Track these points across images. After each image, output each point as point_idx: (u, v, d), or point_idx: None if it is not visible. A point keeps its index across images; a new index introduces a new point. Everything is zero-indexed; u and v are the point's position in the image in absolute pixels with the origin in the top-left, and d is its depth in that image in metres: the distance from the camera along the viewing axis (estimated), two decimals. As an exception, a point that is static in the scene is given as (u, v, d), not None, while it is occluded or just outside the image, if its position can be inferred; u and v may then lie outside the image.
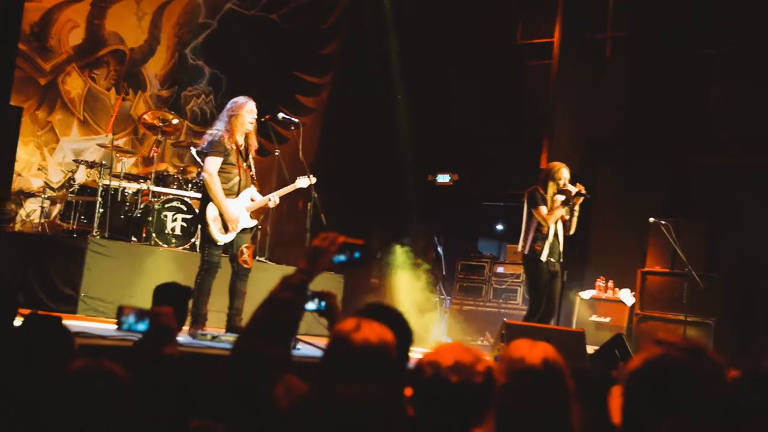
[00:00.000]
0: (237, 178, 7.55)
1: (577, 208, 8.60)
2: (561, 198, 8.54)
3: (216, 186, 7.40)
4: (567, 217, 8.63)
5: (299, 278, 3.05)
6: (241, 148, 7.57)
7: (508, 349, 2.80)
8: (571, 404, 2.72)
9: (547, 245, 8.53)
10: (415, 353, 2.87)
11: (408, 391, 2.58)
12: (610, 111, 12.46)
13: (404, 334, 2.95)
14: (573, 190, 8.51)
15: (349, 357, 2.65)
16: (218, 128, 7.50)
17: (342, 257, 3.15)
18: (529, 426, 2.67)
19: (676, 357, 2.12)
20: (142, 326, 3.01)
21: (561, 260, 8.69)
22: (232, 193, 7.54)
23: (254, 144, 7.70)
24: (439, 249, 12.99)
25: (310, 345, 6.68)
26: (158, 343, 3.07)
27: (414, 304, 11.05)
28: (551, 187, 8.55)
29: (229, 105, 7.58)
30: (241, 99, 7.55)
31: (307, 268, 3.08)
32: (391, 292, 11.50)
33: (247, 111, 7.48)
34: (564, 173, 8.60)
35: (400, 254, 11.94)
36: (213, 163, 7.42)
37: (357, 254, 3.16)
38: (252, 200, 7.73)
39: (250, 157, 7.69)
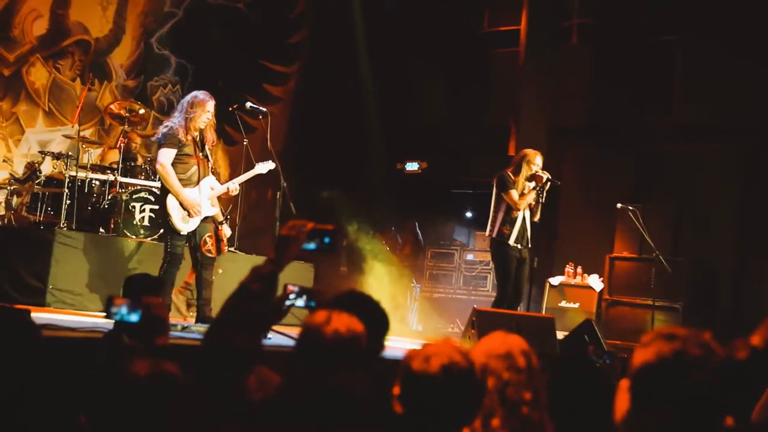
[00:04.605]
0: (195, 168, 7.57)
1: (544, 194, 8.65)
2: (531, 184, 8.58)
3: (171, 176, 7.43)
4: (533, 203, 8.67)
5: (269, 268, 3.03)
6: (197, 139, 7.59)
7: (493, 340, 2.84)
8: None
9: (515, 229, 8.56)
10: (395, 343, 2.90)
11: (396, 390, 2.57)
12: (577, 98, 12.53)
13: (378, 322, 2.95)
14: (544, 176, 8.56)
15: (320, 349, 2.70)
16: (174, 121, 7.49)
17: (312, 245, 3.11)
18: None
19: (694, 354, 2.05)
20: (134, 317, 2.94)
21: (529, 246, 8.73)
22: (192, 182, 7.56)
23: (209, 137, 7.68)
24: (420, 236, 12.95)
25: (281, 334, 6.65)
26: (151, 334, 3.02)
27: (385, 293, 11.06)
28: (524, 173, 8.58)
29: (188, 98, 7.57)
30: (200, 96, 7.51)
31: (276, 258, 3.06)
32: (360, 280, 11.48)
33: (204, 110, 7.46)
34: (538, 160, 8.66)
35: (370, 243, 11.93)
36: (166, 155, 7.44)
37: (327, 240, 3.12)
38: (212, 189, 7.74)
39: (207, 147, 7.70)
